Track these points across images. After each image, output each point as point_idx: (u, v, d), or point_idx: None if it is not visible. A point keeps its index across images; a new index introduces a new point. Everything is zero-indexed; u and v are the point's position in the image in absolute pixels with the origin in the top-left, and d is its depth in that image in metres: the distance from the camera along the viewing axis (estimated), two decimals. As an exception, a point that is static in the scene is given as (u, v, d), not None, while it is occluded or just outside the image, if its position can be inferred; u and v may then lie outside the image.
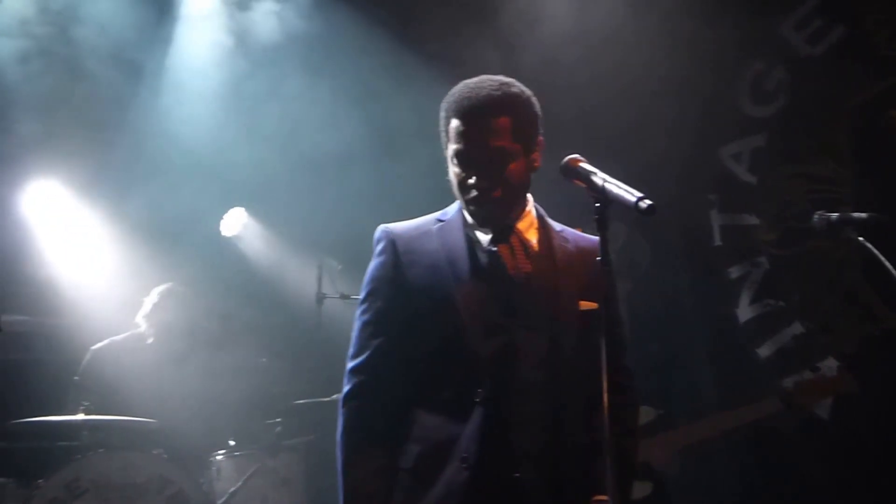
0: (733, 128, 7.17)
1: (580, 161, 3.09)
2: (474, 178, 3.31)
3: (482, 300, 3.29)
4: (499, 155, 3.30)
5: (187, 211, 8.18)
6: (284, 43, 8.01)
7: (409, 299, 3.36)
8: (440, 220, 3.47)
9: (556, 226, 3.52)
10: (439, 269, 3.35)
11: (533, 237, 3.44)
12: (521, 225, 3.43)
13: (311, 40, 7.95)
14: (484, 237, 3.40)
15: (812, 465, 6.56)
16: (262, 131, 8.03)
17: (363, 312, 3.45)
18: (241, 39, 8.12)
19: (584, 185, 3.03)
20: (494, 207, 3.35)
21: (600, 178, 2.99)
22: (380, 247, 3.47)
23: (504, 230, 3.40)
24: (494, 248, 3.37)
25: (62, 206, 8.41)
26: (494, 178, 3.30)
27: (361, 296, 3.48)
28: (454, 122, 3.34)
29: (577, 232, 3.54)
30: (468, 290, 3.30)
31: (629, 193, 2.89)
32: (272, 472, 6.95)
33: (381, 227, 3.50)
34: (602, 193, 2.96)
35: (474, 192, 3.32)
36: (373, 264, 3.48)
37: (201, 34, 8.12)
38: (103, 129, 8.27)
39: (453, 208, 3.50)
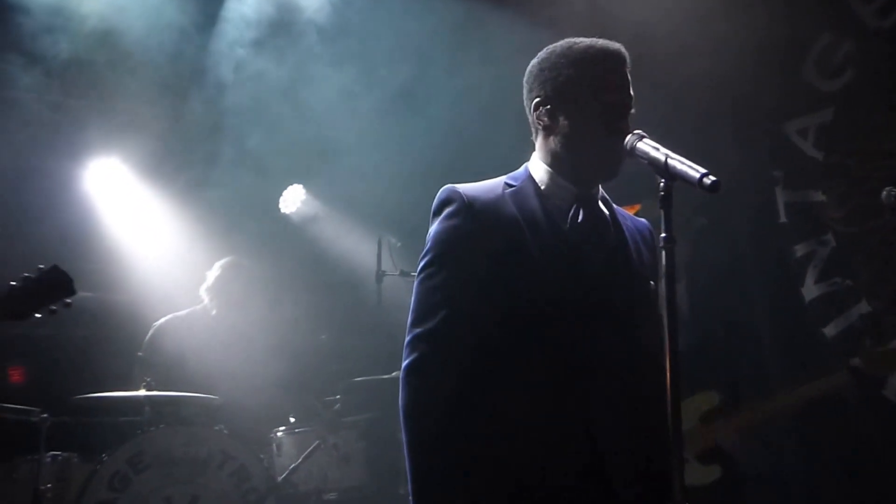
0: (799, 102, 7.10)
1: (643, 137, 3.08)
2: (619, 130, 3.15)
3: (565, 273, 3.19)
4: (631, 104, 3.27)
5: (247, 188, 8.27)
6: (344, 14, 8.02)
7: (485, 267, 3.18)
8: (509, 185, 3.33)
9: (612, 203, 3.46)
10: (518, 237, 3.19)
11: (603, 208, 3.37)
12: (594, 194, 3.36)
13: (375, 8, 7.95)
14: (560, 205, 3.29)
15: (878, 446, 6.52)
16: (320, 107, 8.07)
17: (430, 277, 3.22)
18: (294, 16, 8.15)
19: (646, 162, 3.01)
20: (621, 162, 3.21)
21: (663, 153, 2.97)
22: (451, 208, 3.25)
23: (586, 196, 3.31)
24: (578, 219, 3.26)
25: (125, 184, 8.53)
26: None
27: (426, 259, 3.27)
28: (609, 74, 3.25)
29: (629, 213, 3.48)
30: (550, 263, 3.18)
31: (693, 170, 2.87)
32: (332, 449, 7.03)
33: (450, 187, 3.30)
34: (665, 170, 2.93)
35: (616, 147, 3.13)
36: (442, 226, 3.26)
37: (256, 9, 8.17)
38: (165, 107, 8.36)
39: (521, 173, 3.39)
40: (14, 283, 3.82)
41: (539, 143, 3.39)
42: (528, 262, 3.18)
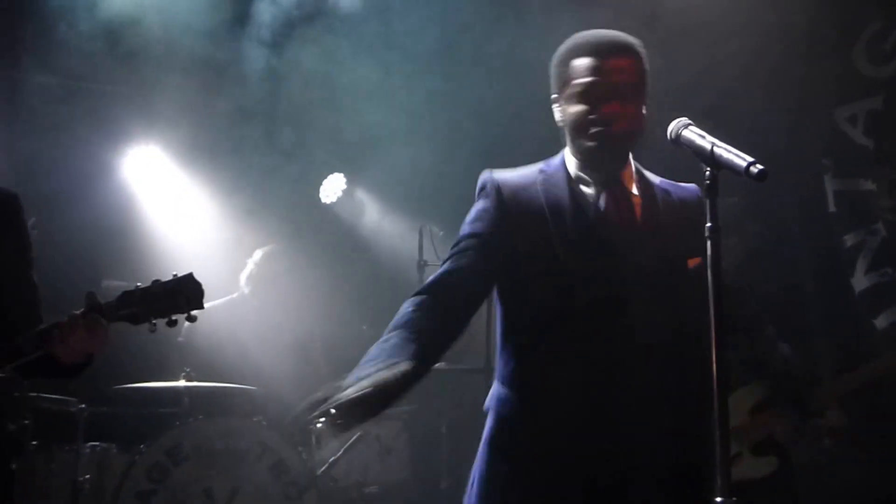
0: (848, 89, 7.03)
1: (689, 125, 3.07)
2: (600, 112, 3.29)
3: (587, 258, 3.25)
4: (625, 91, 3.31)
5: (287, 176, 8.27)
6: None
7: (507, 249, 3.31)
8: (543, 171, 3.44)
9: (655, 178, 3.50)
10: (541, 223, 3.30)
11: (635, 189, 3.41)
12: (624, 175, 3.41)
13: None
14: (588, 191, 3.37)
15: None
16: (362, 94, 8.06)
17: (451, 251, 3.43)
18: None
19: (692, 150, 3.00)
20: (614, 142, 3.32)
21: (709, 141, 2.96)
22: (483, 192, 3.43)
23: (609, 180, 3.37)
24: (602, 205, 3.32)
25: (164, 171, 8.56)
26: (619, 114, 3.28)
27: (457, 238, 3.44)
28: (583, 60, 3.34)
29: (675, 183, 3.52)
30: (572, 248, 3.25)
31: (740, 158, 2.86)
32: (374, 442, 7.03)
33: (486, 172, 3.46)
34: (711, 158, 2.92)
35: (597, 128, 3.28)
36: (475, 207, 3.43)
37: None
38: (205, 94, 8.36)
39: (556, 160, 3.47)
40: (140, 285, 3.66)
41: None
42: (548, 249, 3.27)
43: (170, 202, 8.66)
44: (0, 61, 7.69)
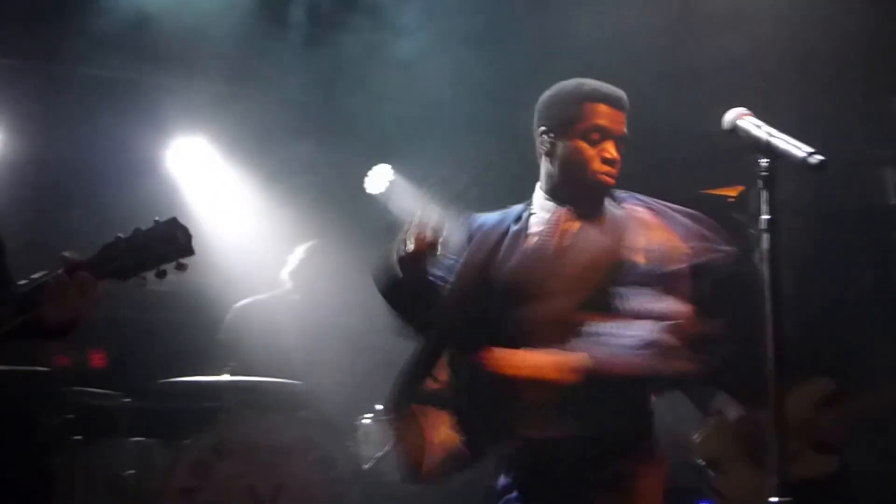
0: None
1: (745, 114, 3.06)
2: (610, 155, 3.72)
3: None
4: (623, 140, 3.77)
5: (332, 167, 8.25)
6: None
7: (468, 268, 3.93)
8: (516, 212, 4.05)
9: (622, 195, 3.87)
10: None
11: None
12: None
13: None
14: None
15: None
16: (411, 86, 8.02)
17: None
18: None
19: (748, 140, 2.99)
20: (611, 186, 3.78)
21: (766, 131, 2.95)
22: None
23: (587, 213, 3.78)
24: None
25: (207, 164, 8.57)
26: (618, 162, 3.76)
27: None
28: (598, 105, 3.73)
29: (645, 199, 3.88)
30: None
31: (797, 148, 2.85)
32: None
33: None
34: (768, 148, 2.91)
35: (606, 169, 3.73)
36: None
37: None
38: (248, 84, 8.36)
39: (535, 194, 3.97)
40: (121, 235, 3.36)
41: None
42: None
43: (213, 194, 8.66)
44: (41, 54, 7.70)
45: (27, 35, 7.38)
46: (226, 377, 6.70)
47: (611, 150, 3.70)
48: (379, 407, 7.17)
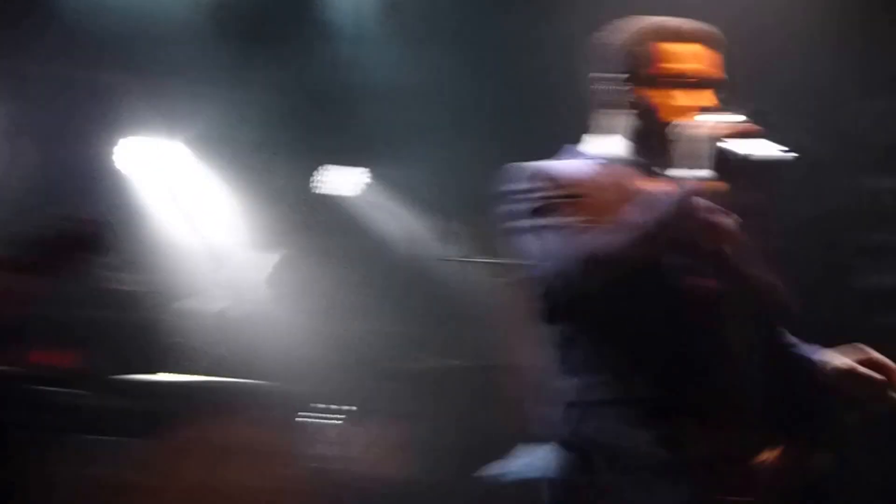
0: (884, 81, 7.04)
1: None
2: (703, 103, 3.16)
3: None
4: (715, 84, 3.24)
5: (302, 170, 8.28)
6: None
7: None
8: (602, 164, 3.25)
9: None
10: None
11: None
12: None
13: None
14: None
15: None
16: (385, 88, 8.07)
17: (567, 214, 3.05)
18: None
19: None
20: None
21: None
22: (549, 182, 3.14)
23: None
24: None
25: (172, 165, 8.52)
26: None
27: (543, 202, 3.09)
28: (674, 46, 3.22)
29: None
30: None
31: (770, 146, 2.88)
32: (386, 439, 7.07)
33: (528, 164, 3.22)
34: (740, 146, 2.89)
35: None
36: (548, 183, 3.14)
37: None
38: (207, 83, 8.34)
39: (605, 150, 3.29)
40: (35, 228, 3.29)
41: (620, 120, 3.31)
42: None
43: (178, 197, 8.63)
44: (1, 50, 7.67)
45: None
46: (190, 377, 6.74)
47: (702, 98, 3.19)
48: (347, 407, 7.25)
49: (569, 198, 3.07)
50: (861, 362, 3.07)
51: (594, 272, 2.91)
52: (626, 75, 3.23)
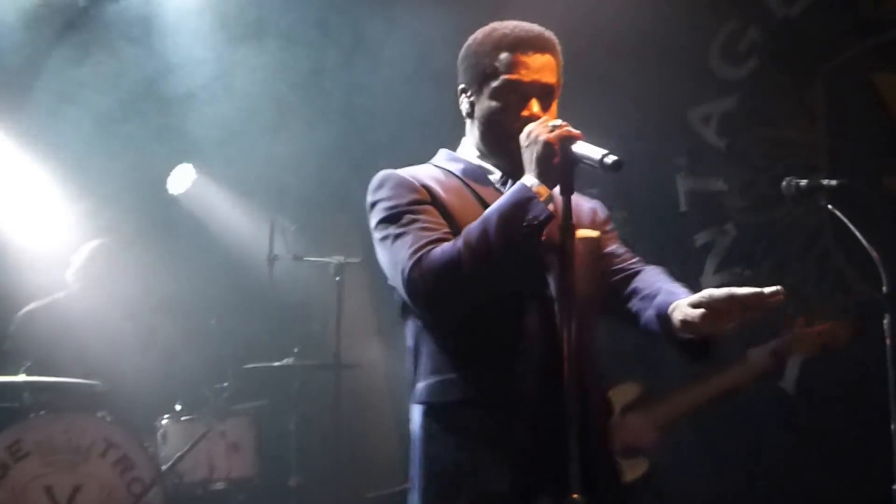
0: (703, 89, 7.22)
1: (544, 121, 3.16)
2: (530, 111, 3.27)
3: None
4: (548, 91, 3.35)
5: (132, 166, 8.19)
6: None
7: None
8: (449, 167, 3.41)
9: None
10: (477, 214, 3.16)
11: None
12: None
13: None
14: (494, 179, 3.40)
15: (780, 441, 6.62)
16: (214, 86, 8.06)
17: (408, 223, 3.18)
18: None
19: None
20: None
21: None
22: (400, 186, 3.28)
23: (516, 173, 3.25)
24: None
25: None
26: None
27: (388, 212, 3.23)
28: (504, 55, 3.31)
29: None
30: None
31: (594, 150, 2.96)
32: (220, 437, 7.09)
33: (388, 170, 3.34)
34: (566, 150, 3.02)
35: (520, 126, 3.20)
36: (397, 191, 3.26)
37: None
38: (37, 77, 8.23)
39: (453, 156, 3.48)
40: None
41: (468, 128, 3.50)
42: None
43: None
44: None
45: None
46: (21, 377, 6.63)
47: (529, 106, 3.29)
48: (178, 407, 7.22)
49: (413, 205, 3.22)
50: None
51: (434, 280, 3.05)
52: (471, 86, 3.41)
